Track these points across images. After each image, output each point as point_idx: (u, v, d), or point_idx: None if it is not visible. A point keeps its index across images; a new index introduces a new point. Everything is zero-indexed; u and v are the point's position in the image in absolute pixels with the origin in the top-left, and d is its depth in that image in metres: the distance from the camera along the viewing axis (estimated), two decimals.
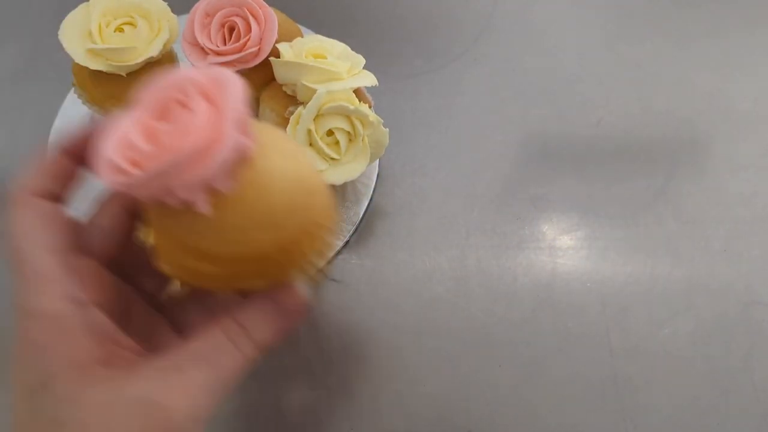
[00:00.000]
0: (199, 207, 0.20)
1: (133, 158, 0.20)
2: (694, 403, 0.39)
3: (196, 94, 0.20)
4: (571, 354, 0.40)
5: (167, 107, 0.21)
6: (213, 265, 0.22)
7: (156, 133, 0.20)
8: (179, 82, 0.21)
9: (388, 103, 0.48)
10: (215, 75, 0.21)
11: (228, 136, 0.19)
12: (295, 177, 0.22)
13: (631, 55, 0.50)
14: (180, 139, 0.20)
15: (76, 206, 0.27)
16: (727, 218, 0.44)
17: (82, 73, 0.41)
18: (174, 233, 0.22)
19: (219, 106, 0.20)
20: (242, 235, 0.21)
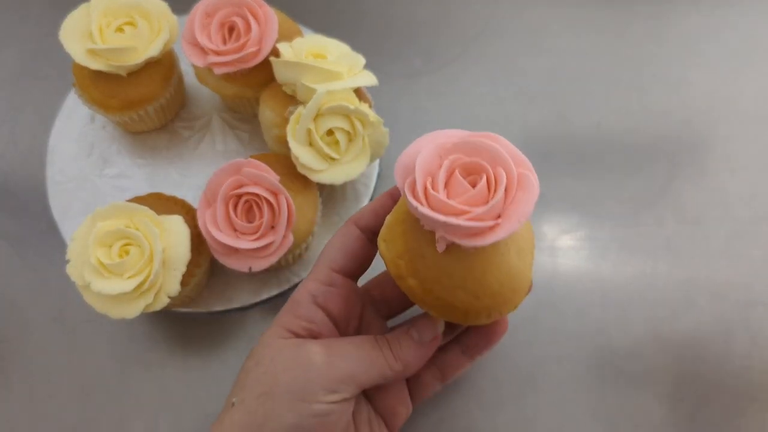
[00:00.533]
0: (438, 245, 0.25)
1: (428, 192, 0.24)
2: (694, 403, 0.39)
3: (502, 183, 0.24)
4: (571, 354, 0.40)
5: (477, 170, 0.25)
6: (416, 284, 0.27)
7: (456, 185, 0.25)
8: (497, 160, 0.25)
9: (388, 103, 0.48)
10: (525, 175, 0.24)
11: (499, 234, 0.24)
12: (514, 273, 0.27)
13: (631, 55, 0.50)
14: (472, 206, 0.24)
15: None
16: (727, 218, 0.44)
17: (83, 73, 0.41)
18: (410, 242, 0.27)
19: (508, 204, 0.24)
20: (450, 283, 0.26)
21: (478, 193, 0.24)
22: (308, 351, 0.28)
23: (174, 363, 0.41)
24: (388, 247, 0.28)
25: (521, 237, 0.28)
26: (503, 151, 0.25)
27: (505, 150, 0.25)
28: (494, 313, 0.28)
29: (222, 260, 0.36)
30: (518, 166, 0.25)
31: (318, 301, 0.30)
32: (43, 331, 0.41)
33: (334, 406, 0.27)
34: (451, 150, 0.26)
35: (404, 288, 0.28)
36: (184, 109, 0.47)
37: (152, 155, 0.45)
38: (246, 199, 0.35)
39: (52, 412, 0.39)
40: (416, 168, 0.25)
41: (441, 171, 0.25)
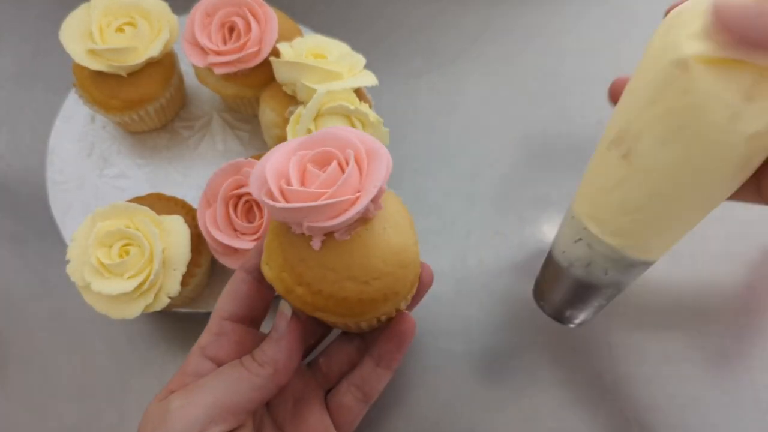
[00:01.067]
0: (314, 243, 0.25)
1: (283, 188, 0.25)
2: (694, 403, 0.39)
3: (352, 160, 0.25)
4: (571, 354, 0.40)
5: (326, 159, 0.25)
6: (304, 291, 0.26)
7: (309, 176, 0.25)
8: (344, 144, 0.25)
9: (388, 103, 0.48)
10: (373, 148, 0.25)
11: (360, 204, 0.24)
12: (396, 249, 0.27)
13: (631, 55, 0.50)
14: (326, 188, 0.24)
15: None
16: (727, 218, 0.44)
17: (83, 74, 0.41)
18: (287, 252, 0.26)
19: (365, 176, 0.25)
20: (335, 277, 0.26)
21: (331, 174, 0.25)
22: (168, 402, 0.27)
23: (174, 363, 0.40)
24: (270, 266, 0.28)
25: (395, 213, 0.28)
26: (347, 134, 0.25)
27: (351, 134, 0.26)
28: (391, 295, 0.27)
29: (222, 260, 0.36)
30: (366, 144, 0.26)
31: (207, 352, 0.29)
32: (43, 331, 0.41)
33: None
34: (297, 148, 0.26)
35: (295, 301, 0.27)
36: (184, 109, 0.47)
37: (152, 155, 0.45)
38: (246, 200, 0.35)
39: (52, 412, 0.39)
40: (266, 174, 0.25)
41: (291, 168, 0.25)
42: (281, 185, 0.25)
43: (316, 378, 0.33)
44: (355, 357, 0.33)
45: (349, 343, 0.33)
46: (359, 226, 0.26)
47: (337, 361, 0.33)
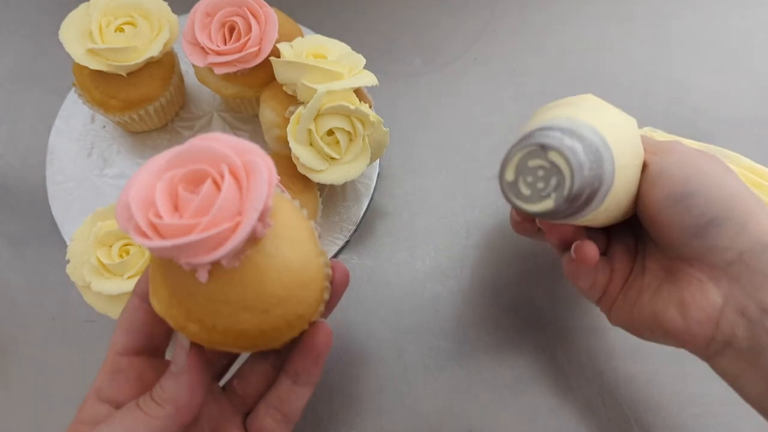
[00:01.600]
0: (199, 275, 0.22)
1: (152, 221, 0.21)
2: (694, 402, 0.39)
3: (228, 174, 0.21)
4: (571, 354, 0.40)
5: (199, 178, 0.22)
6: (197, 327, 0.23)
7: (181, 201, 0.21)
8: (217, 158, 0.21)
9: (388, 103, 0.48)
10: (249, 160, 0.21)
11: (242, 230, 0.20)
12: (294, 268, 0.23)
13: (631, 55, 0.50)
14: (202, 216, 0.21)
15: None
16: None
17: (83, 73, 0.41)
18: (173, 286, 0.23)
19: (245, 193, 0.21)
20: (229, 310, 0.23)
21: (205, 198, 0.21)
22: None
23: None
24: (158, 300, 0.24)
25: (289, 226, 0.24)
26: (219, 146, 0.22)
27: (224, 144, 0.22)
28: (295, 320, 0.25)
29: None
30: (242, 155, 0.22)
31: (102, 395, 0.26)
32: (43, 331, 0.41)
33: None
34: (165, 168, 0.22)
35: (190, 337, 0.24)
36: (184, 109, 0.47)
37: (152, 155, 0.45)
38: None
39: (52, 412, 0.39)
40: (130, 203, 0.21)
41: (158, 194, 0.21)
42: (150, 217, 0.21)
43: (232, 402, 0.30)
44: (271, 375, 0.30)
45: (263, 361, 0.30)
46: (248, 248, 0.22)
47: (253, 381, 0.30)
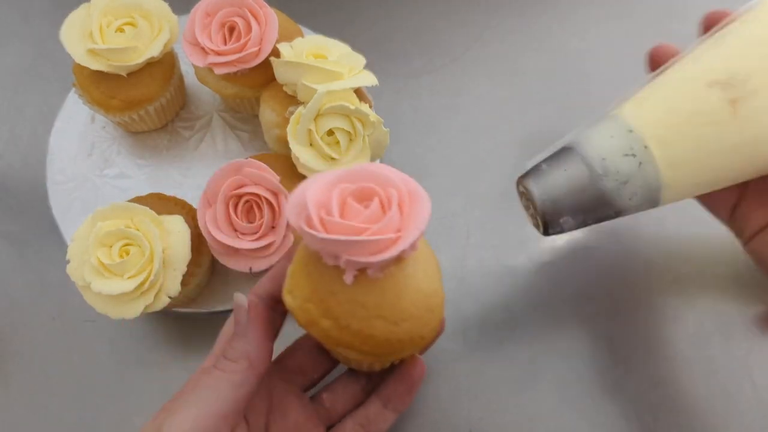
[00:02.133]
0: (346, 276, 0.25)
1: (323, 219, 0.24)
2: (694, 403, 0.39)
3: (395, 200, 0.25)
4: (571, 354, 0.40)
5: (368, 195, 0.25)
6: (330, 324, 0.26)
7: (350, 210, 0.25)
8: (385, 182, 0.25)
9: (388, 103, 0.48)
10: (414, 191, 0.25)
11: (402, 244, 0.24)
12: (426, 293, 0.27)
13: (631, 55, 0.50)
14: (368, 224, 0.24)
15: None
16: None
17: (83, 74, 0.41)
18: (317, 283, 0.26)
19: (405, 218, 0.25)
20: (364, 314, 0.25)
21: (373, 212, 0.24)
22: (157, 424, 0.26)
23: (174, 363, 0.40)
24: (294, 295, 0.27)
25: (426, 260, 0.27)
26: (389, 173, 0.25)
27: (392, 173, 0.25)
28: (417, 339, 0.27)
29: (222, 260, 0.36)
30: (407, 184, 0.25)
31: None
32: (43, 330, 0.41)
33: None
34: (337, 182, 0.26)
35: (317, 333, 0.26)
36: (184, 109, 0.47)
37: (153, 155, 0.45)
38: (246, 199, 0.35)
39: (52, 412, 0.39)
40: (308, 203, 0.24)
41: (333, 200, 0.25)
42: (321, 215, 0.24)
43: (318, 413, 0.33)
44: (359, 396, 0.33)
45: (355, 381, 0.33)
46: (393, 265, 0.26)
47: (342, 398, 0.33)
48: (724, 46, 0.27)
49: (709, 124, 0.26)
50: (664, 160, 0.27)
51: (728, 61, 0.26)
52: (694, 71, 0.27)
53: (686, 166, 0.27)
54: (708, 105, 0.26)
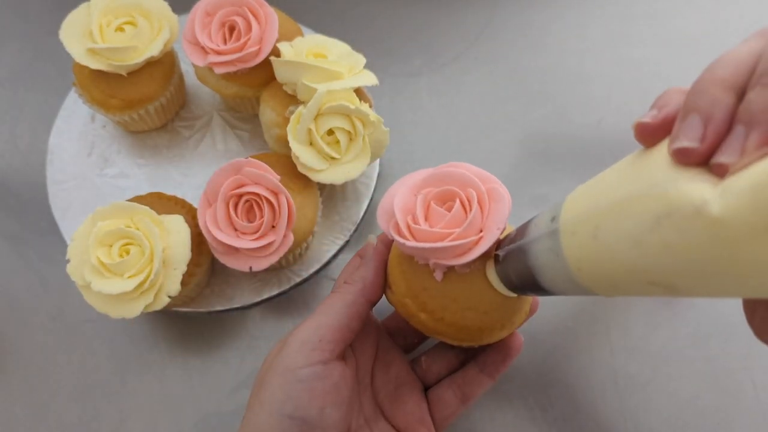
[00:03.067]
0: (437, 275, 0.28)
1: (410, 226, 0.27)
2: (694, 402, 0.39)
3: (474, 200, 0.27)
4: (571, 354, 0.40)
5: (449, 197, 0.27)
6: (427, 317, 0.29)
7: (434, 215, 0.27)
8: (466, 183, 0.27)
9: (388, 103, 0.48)
10: (494, 188, 0.27)
11: (483, 245, 0.26)
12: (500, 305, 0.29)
13: (631, 55, 0.50)
14: (450, 229, 0.26)
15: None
16: None
17: (83, 73, 0.41)
18: (410, 280, 0.29)
19: (486, 215, 0.26)
20: (456, 306, 0.28)
21: (455, 215, 0.26)
22: (286, 336, 0.30)
23: (174, 363, 0.40)
24: (393, 291, 0.30)
25: None
26: (468, 174, 0.27)
27: (470, 172, 0.27)
28: (507, 324, 0.29)
29: (222, 260, 0.36)
30: (486, 183, 0.27)
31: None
32: (43, 330, 0.41)
33: (317, 368, 0.28)
34: (421, 185, 0.28)
35: (417, 324, 0.29)
36: (184, 109, 0.47)
37: (152, 155, 0.45)
38: (246, 199, 0.35)
39: (52, 411, 0.39)
40: (395, 209, 0.27)
41: (417, 206, 0.27)
42: (408, 222, 0.27)
43: (416, 372, 0.35)
44: (454, 363, 0.35)
45: (450, 349, 0.35)
46: (478, 260, 0.27)
47: (438, 363, 0.35)
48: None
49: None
50: (569, 249, 0.23)
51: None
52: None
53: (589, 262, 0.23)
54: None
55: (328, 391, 0.28)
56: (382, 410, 0.33)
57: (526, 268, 0.25)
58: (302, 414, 0.27)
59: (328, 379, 0.28)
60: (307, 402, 0.27)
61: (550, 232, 0.24)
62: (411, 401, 0.33)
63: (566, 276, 0.23)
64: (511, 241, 0.27)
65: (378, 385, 0.33)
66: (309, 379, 0.28)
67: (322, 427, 0.28)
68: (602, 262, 0.21)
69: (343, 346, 0.30)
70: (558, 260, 0.23)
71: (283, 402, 0.27)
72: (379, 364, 0.33)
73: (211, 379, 0.40)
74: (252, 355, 0.41)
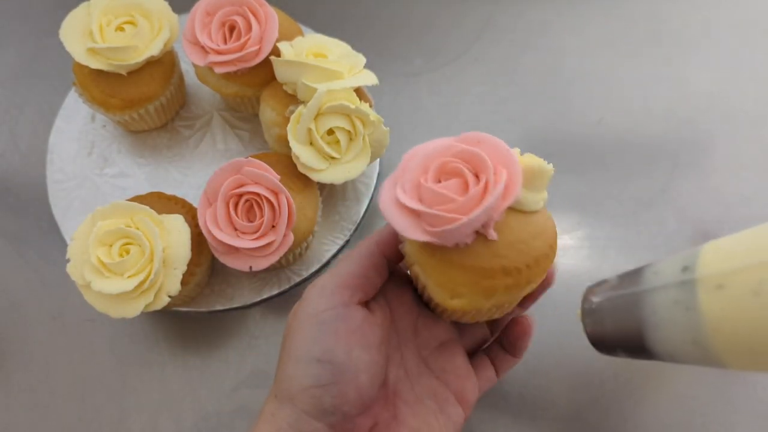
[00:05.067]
0: (491, 234, 0.26)
1: (448, 208, 0.24)
2: (693, 402, 0.39)
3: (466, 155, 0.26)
4: (571, 354, 0.40)
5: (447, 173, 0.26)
6: (509, 279, 0.27)
7: (461, 188, 0.25)
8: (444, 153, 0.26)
9: (388, 102, 0.48)
10: (499, 149, 0.26)
11: (518, 184, 0.25)
12: (541, 230, 0.28)
13: (631, 55, 0.50)
14: (493, 187, 0.24)
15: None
16: (727, 218, 0.44)
17: (83, 73, 0.41)
18: (457, 263, 0.27)
19: (507, 168, 0.25)
20: (506, 251, 0.26)
21: (457, 181, 0.26)
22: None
23: (174, 362, 0.40)
24: (456, 293, 0.28)
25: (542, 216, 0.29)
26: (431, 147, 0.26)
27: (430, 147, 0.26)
28: (553, 249, 0.29)
29: (222, 259, 0.36)
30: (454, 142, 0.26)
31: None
32: (43, 330, 0.41)
33: (338, 309, 0.28)
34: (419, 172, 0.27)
35: (501, 298, 0.28)
36: (184, 108, 0.47)
37: (153, 154, 0.45)
38: (246, 199, 0.35)
39: (52, 411, 0.39)
40: (405, 203, 0.25)
41: (429, 176, 0.26)
42: (444, 206, 0.25)
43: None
44: (487, 335, 0.35)
45: (479, 327, 0.35)
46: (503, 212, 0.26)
47: (470, 337, 0.34)
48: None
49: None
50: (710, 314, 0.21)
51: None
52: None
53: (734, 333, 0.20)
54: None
55: (353, 332, 0.28)
56: (428, 365, 0.32)
57: (633, 321, 0.22)
58: (330, 357, 0.27)
59: (351, 320, 0.28)
60: (334, 344, 0.27)
61: (681, 283, 0.21)
62: (458, 357, 0.32)
63: (692, 336, 0.21)
64: (612, 288, 0.24)
65: (422, 339, 0.32)
66: (331, 320, 0.28)
67: (352, 370, 0.27)
68: (760, 324, 0.19)
69: (362, 294, 0.29)
70: (687, 316, 0.21)
71: (309, 347, 0.27)
72: (424, 321, 0.33)
73: (211, 378, 0.40)
74: (252, 354, 0.41)
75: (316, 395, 0.27)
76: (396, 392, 0.30)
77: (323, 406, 0.27)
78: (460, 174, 0.26)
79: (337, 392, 0.27)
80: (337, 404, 0.27)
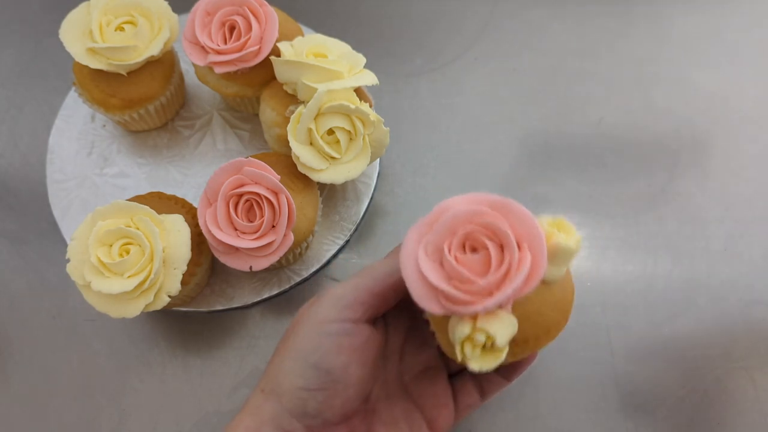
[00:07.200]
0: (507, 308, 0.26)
1: (467, 289, 0.25)
2: (693, 402, 0.39)
3: (514, 242, 0.26)
4: (571, 354, 0.40)
5: (470, 242, 0.26)
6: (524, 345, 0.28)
7: (482, 266, 0.25)
8: (470, 221, 0.26)
9: (388, 103, 0.48)
10: (527, 224, 0.26)
11: (541, 270, 0.25)
12: (559, 299, 0.29)
13: (631, 55, 0.50)
14: (515, 273, 0.25)
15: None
16: (727, 218, 0.44)
17: (83, 72, 0.41)
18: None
19: (532, 250, 0.25)
20: (520, 323, 0.27)
21: (485, 255, 0.26)
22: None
23: (174, 362, 0.40)
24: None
25: (566, 279, 0.29)
26: (461, 208, 0.27)
27: (460, 205, 0.27)
28: (567, 311, 0.30)
29: (223, 259, 0.36)
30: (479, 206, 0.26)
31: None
32: (43, 330, 0.41)
33: (347, 324, 0.28)
34: (435, 240, 0.27)
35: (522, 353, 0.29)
36: (184, 108, 0.47)
37: (152, 154, 0.45)
38: (247, 198, 0.35)
39: (52, 411, 0.39)
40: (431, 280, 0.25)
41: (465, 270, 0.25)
42: (461, 287, 0.25)
43: (443, 359, 0.35)
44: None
45: None
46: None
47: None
48: None
49: None
50: None
51: None
52: None
53: None
54: None
55: (355, 349, 0.28)
56: (407, 389, 0.33)
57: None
58: (327, 366, 0.28)
59: (356, 338, 0.29)
60: (334, 356, 0.28)
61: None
62: (439, 385, 0.33)
63: None
64: None
65: (407, 364, 0.33)
66: (338, 333, 0.28)
67: (344, 382, 0.28)
68: None
69: (374, 312, 0.30)
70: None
71: (310, 352, 0.28)
72: (411, 345, 0.33)
73: (211, 378, 0.40)
74: (252, 354, 0.41)
75: (303, 397, 0.28)
76: (374, 410, 0.31)
77: (307, 408, 0.28)
78: (484, 247, 0.26)
79: (323, 399, 0.28)
80: (320, 410, 0.28)
